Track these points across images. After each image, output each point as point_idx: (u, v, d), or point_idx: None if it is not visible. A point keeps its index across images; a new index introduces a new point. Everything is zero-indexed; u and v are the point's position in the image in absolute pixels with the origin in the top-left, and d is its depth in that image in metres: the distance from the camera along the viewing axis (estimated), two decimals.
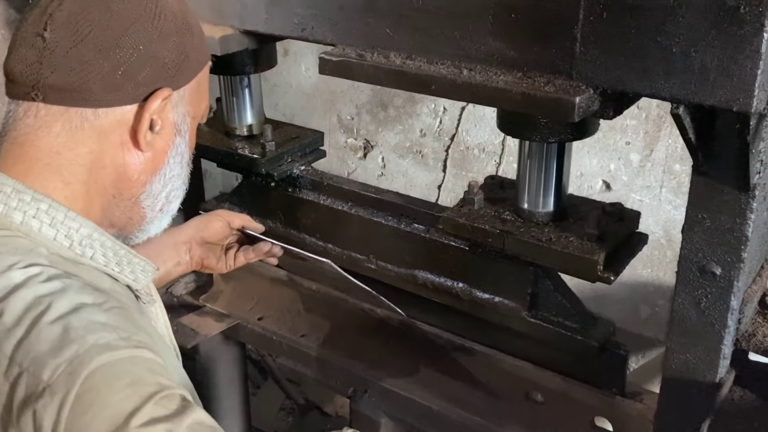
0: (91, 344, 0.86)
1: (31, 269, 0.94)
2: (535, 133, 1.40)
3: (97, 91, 0.99)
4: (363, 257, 1.81)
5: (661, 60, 1.08)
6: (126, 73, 0.99)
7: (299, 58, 3.24)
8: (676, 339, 1.33)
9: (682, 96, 1.08)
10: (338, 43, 1.42)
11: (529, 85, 1.19)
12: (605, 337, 1.55)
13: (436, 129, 3.04)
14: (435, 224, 1.67)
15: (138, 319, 0.98)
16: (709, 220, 1.22)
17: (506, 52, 1.22)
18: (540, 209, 1.51)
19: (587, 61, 1.14)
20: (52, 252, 0.98)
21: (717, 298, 1.26)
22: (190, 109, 1.10)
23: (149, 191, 1.09)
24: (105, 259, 1.03)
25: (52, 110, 0.99)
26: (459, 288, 1.67)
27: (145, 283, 1.09)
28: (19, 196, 0.98)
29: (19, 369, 0.85)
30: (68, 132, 1.00)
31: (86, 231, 1.01)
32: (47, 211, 0.98)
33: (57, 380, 0.83)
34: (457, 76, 1.26)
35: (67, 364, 0.84)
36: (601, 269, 1.41)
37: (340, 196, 1.87)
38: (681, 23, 1.04)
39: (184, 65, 1.05)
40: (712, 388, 1.32)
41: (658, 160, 2.55)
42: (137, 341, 0.91)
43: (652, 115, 2.52)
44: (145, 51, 1.00)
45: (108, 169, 1.04)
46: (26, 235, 0.98)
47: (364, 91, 3.16)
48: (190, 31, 1.07)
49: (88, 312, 0.90)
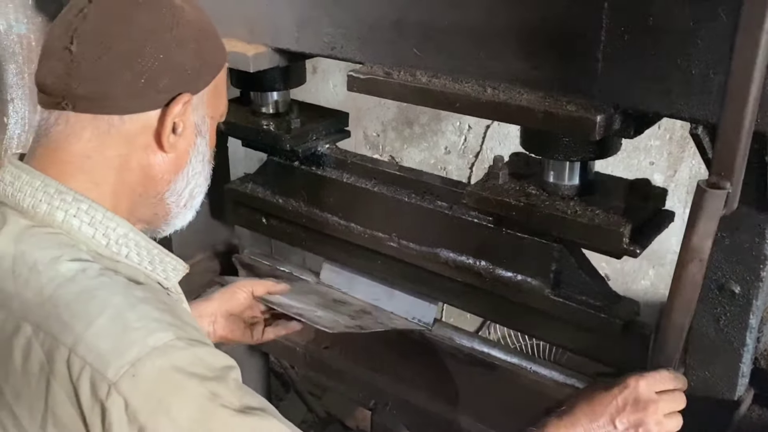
0: (152, 346, 0.92)
1: (77, 263, 1.00)
2: (557, 151, 1.43)
3: (122, 99, 1.04)
4: (385, 236, 1.80)
5: (680, 81, 1.10)
6: (148, 81, 1.04)
7: (327, 75, 3.29)
8: (695, 357, 1.34)
9: (700, 116, 1.11)
10: (366, 61, 1.46)
11: (551, 104, 1.22)
12: (629, 316, 1.51)
13: (461, 146, 3.07)
14: (458, 202, 1.65)
15: (179, 311, 1.03)
16: (729, 239, 1.24)
17: (529, 71, 1.25)
18: (566, 182, 1.48)
19: (608, 81, 1.17)
20: (90, 249, 1.04)
21: (736, 316, 1.27)
22: (209, 110, 1.14)
23: (173, 189, 1.14)
24: (139, 258, 1.09)
25: (81, 118, 1.05)
26: (481, 266, 1.65)
27: (175, 281, 1.15)
28: (61, 196, 1.04)
29: (81, 362, 0.91)
30: (97, 137, 1.05)
31: (122, 230, 1.07)
32: (87, 211, 1.04)
33: (122, 380, 0.90)
34: (481, 94, 1.29)
35: (130, 365, 0.91)
36: (627, 242, 1.38)
37: (363, 174, 1.87)
38: (700, 45, 1.07)
39: (203, 70, 1.11)
40: (730, 407, 1.32)
41: (682, 180, 2.56)
42: (190, 336, 0.97)
43: (675, 135, 2.53)
44: (165, 59, 1.05)
45: (135, 170, 1.09)
46: (67, 233, 1.04)
47: (390, 108, 3.20)
48: (207, 37, 1.12)
49: (142, 308, 0.96)
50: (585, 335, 1.57)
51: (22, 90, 2.07)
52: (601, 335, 1.54)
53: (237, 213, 2.14)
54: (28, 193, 1.04)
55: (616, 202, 1.43)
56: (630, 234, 1.37)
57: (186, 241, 2.18)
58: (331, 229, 1.87)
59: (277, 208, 1.98)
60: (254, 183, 2.03)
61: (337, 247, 1.91)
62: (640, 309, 1.54)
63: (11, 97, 2.06)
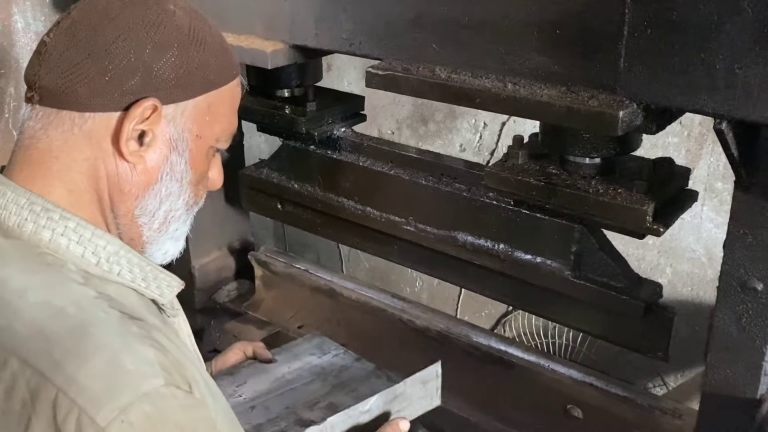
0: (144, 392, 0.87)
1: (69, 293, 0.95)
2: (577, 148, 1.41)
3: (83, 95, 0.99)
4: (402, 220, 1.78)
5: (704, 76, 1.09)
6: (113, 79, 0.99)
7: (342, 73, 3.29)
8: (717, 355, 1.33)
9: (725, 111, 1.09)
10: (385, 57, 1.45)
11: (573, 100, 1.21)
12: (651, 298, 1.49)
13: (476, 144, 3.06)
14: (476, 184, 1.63)
15: (170, 336, 0.98)
16: (751, 236, 1.23)
17: (550, 66, 1.25)
18: (587, 161, 1.45)
19: (631, 77, 1.16)
20: (79, 268, 0.99)
21: (758, 313, 1.26)
22: (193, 127, 1.06)
23: (144, 207, 1.07)
24: (131, 275, 1.03)
25: (47, 112, 1.01)
26: (500, 249, 1.63)
27: (170, 297, 1.10)
28: (48, 214, 0.99)
29: (70, 404, 0.86)
30: (62, 135, 1.01)
31: (113, 248, 1.02)
32: (75, 229, 1.00)
33: (111, 424, 0.85)
34: (501, 90, 1.28)
35: (120, 411, 0.85)
36: (650, 220, 1.35)
37: (380, 158, 1.84)
38: (725, 40, 1.06)
39: (184, 80, 1.02)
40: (752, 405, 1.31)
41: (700, 178, 2.54)
42: (183, 377, 0.92)
43: (694, 133, 2.51)
44: (136, 60, 0.99)
45: (104, 179, 1.03)
46: (54, 252, 0.99)
47: (405, 106, 3.20)
48: (199, 47, 1.04)
49: (137, 349, 0.91)
50: (606, 318, 1.55)
51: None
52: (623, 318, 1.51)
53: (251, 199, 2.12)
54: (13, 212, 0.99)
55: (638, 181, 1.39)
56: (653, 212, 1.35)
57: (201, 238, 2.19)
58: (347, 214, 1.86)
59: (292, 193, 1.97)
60: (269, 168, 2.02)
61: (353, 232, 1.90)
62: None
63: None
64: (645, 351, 1.54)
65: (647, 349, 1.53)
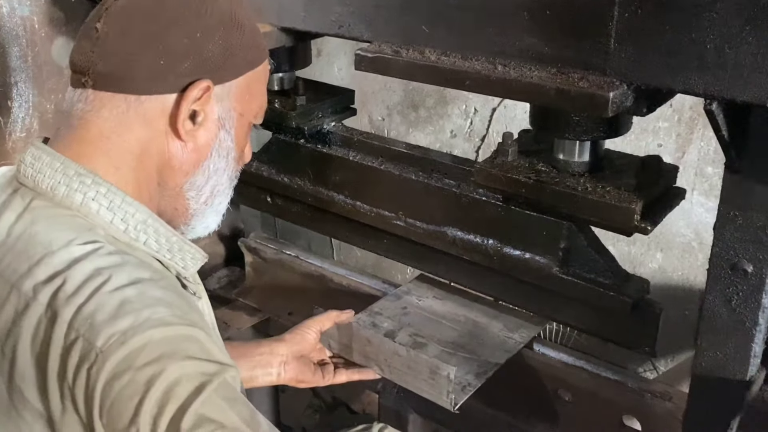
0: (145, 317, 0.91)
1: (90, 245, 0.99)
2: (567, 130, 1.41)
3: (140, 79, 1.04)
4: (392, 214, 1.79)
5: (695, 56, 1.08)
6: (168, 63, 1.04)
7: (332, 58, 3.28)
8: (707, 337, 1.33)
9: (715, 92, 1.09)
10: (374, 40, 1.44)
11: (564, 81, 1.20)
12: (639, 295, 1.50)
13: (467, 130, 3.06)
14: (466, 180, 1.65)
15: (189, 299, 1.02)
16: (741, 218, 1.22)
17: (540, 48, 1.24)
18: (576, 159, 1.47)
19: (621, 57, 1.15)
20: (108, 233, 1.03)
21: (748, 295, 1.26)
22: (236, 105, 1.12)
23: (192, 182, 1.13)
24: (158, 245, 1.07)
25: (100, 96, 1.05)
26: (489, 245, 1.64)
27: (193, 270, 1.14)
28: (80, 178, 1.03)
29: (75, 334, 0.91)
30: (116, 117, 1.05)
31: (141, 216, 1.06)
32: (105, 195, 1.04)
33: (110, 347, 0.89)
34: (491, 71, 1.27)
35: (121, 334, 0.90)
36: (638, 219, 1.36)
37: (370, 152, 1.85)
38: (715, 19, 1.05)
39: (229, 61, 1.09)
40: (742, 387, 1.31)
41: (690, 162, 2.54)
42: (191, 320, 0.95)
43: (684, 117, 2.52)
44: (189, 44, 1.05)
45: (155, 157, 1.08)
46: (85, 216, 1.03)
47: (396, 92, 3.19)
48: (239, 30, 1.10)
49: (145, 286, 0.96)
50: (594, 314, 1.56)
51: (26, 73, 2.05)
52: (611, 314, 1.53)
53: (241, 192, 2.10)
54: (47, 175, 1.04)
55: (626, 179, 1.41)
56: (641, 211, 1.36)
57: None
58: (337, 208, 1.86)
59: (282, 187, 1.97)
60: (259, 161, 2.01)
61: (343, 226, 1.90)
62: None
63: (15, 80, 2.04)
64: (632, 346, 1.57)
65: (634, 344, 1.56)
